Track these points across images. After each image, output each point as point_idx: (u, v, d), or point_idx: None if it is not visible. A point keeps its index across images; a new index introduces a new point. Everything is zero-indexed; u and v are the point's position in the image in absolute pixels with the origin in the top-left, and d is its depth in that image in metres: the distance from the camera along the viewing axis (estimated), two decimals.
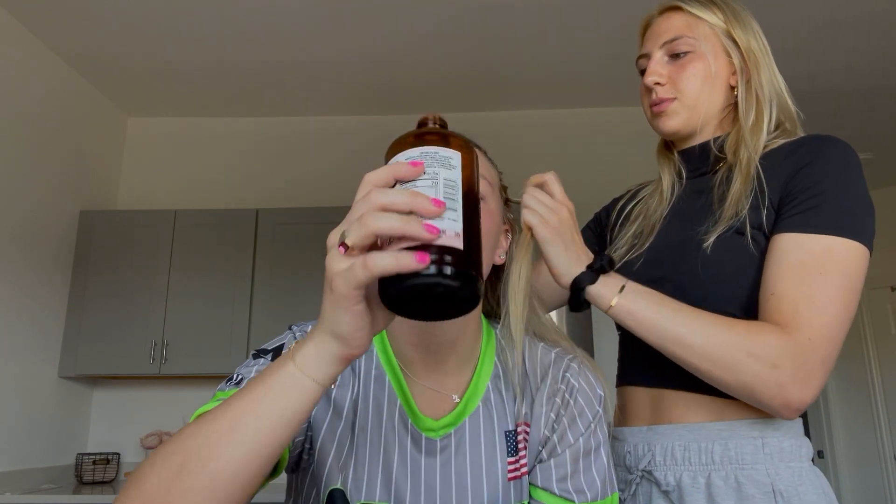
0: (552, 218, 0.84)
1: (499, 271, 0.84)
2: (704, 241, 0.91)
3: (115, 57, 3.13)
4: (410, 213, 0.47)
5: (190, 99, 3.56)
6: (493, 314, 0.88)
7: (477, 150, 0.80)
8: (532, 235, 0.85)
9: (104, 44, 3.02)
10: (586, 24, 2.86)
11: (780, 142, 0.95)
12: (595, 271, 0.85)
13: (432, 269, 0.46)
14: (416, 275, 0.46)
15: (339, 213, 3.68)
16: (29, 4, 2.73)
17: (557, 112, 3.69)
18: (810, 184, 0.86)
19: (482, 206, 0.70)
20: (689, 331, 0.82)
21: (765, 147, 0.95)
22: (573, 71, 3.29)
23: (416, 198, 0.47)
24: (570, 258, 0.85)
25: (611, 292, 0.85)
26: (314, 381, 0.53)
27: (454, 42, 3.02)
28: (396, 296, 0.48)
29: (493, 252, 0.78)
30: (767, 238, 0.89)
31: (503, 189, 0.85)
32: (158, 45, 3.03)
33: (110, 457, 3.14)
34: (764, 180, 0.91)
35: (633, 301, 0.85)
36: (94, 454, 3.12)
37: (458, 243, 0.48)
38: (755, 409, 0.89)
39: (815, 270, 0.82)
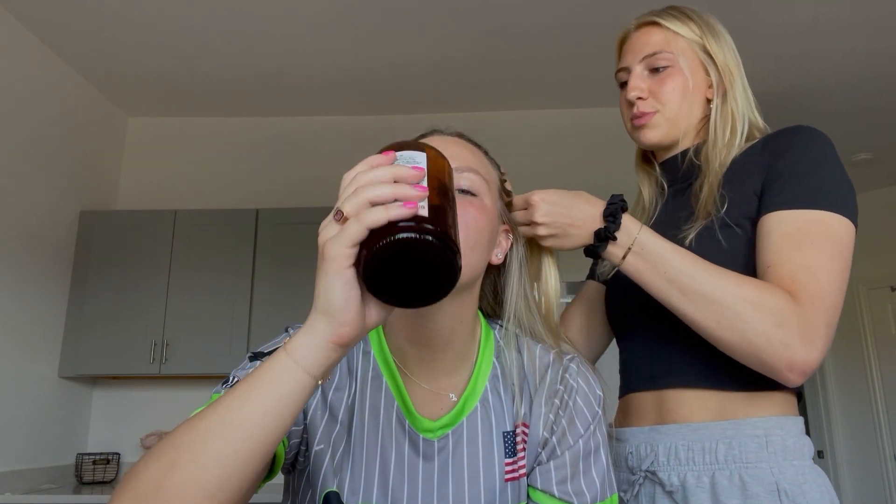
0: (547, 231, 0.87)
1: (498, 271, 0.84)
2: (685, 239, 0.93)
3: (116, 57, 3.13)
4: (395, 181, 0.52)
5: (190, 99, 3.55)
6: (494, 314, 0.88)
7: (476, 149, 0.80)
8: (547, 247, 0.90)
9: (105, 44, 3.02)
10: (585, 23, 2.86)
11: (755, 139, 0.99)
12: (604, 239, 0.88)
13: (414, 225, 0.49)
14: (399, 231, 0.49)
15: None
16: (30, 6, 2.73)
17: (557, 112, 3.69)
18: (787, 166, 0.89)
19: (475, 201, 0.73)
20: (696, 287, 0.83)
21: (739, 149, 0.99)
22: (574, 71, 3.29)
23: (397, 168, 0.52)
24: (582, 236, 0.89)
25: (621, 250, 0.88)
26: (305, 370, 0.53)
27: (453, 43, 3.02)
28: (381, 251, 0.49)
29: (488, 250, 0.76)
30: (753, 228, 0.91)
31: (505, 190, 0.84)
32: (159, 46, 3.03)
33: (110, 457, 3.14)
34: (738, 179, 0.94)
35: (641, 260, 0.87)
36: (94, 454, 3.13)
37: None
38: (760, 407, 0.89)
39: (806, 241, 0.84)
